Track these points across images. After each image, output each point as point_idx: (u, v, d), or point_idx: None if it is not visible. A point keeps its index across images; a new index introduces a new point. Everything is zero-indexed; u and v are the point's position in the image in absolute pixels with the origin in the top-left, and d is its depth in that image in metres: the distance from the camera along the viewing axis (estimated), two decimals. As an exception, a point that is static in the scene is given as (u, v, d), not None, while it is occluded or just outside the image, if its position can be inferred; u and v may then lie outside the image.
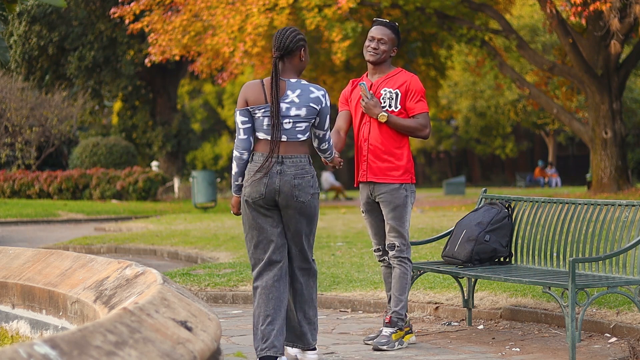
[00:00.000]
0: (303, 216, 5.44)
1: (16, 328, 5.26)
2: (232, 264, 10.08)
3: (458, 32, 23.93)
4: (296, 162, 5.40)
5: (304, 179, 5.40)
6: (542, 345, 6.16)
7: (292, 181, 5.37)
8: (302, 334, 5.59)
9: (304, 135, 5.45)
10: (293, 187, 5.37)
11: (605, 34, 21.71)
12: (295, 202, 5.39)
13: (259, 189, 5.38)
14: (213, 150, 57.01)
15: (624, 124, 23.20)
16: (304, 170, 5.42)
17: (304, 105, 5.42)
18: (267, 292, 5.45)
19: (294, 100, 5.41)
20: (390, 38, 6.24)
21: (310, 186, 5.43)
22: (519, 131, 54.00)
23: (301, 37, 5.48)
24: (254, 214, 5.44)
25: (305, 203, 5.41)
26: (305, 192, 5.40)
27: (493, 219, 6.73)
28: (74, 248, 14.05)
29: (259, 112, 5.41)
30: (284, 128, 5.39)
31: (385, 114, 6.17)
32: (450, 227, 7.27)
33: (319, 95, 5.47)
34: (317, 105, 5.45)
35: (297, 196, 5.38)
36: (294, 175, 5.38)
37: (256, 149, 5.46)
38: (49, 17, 31.52)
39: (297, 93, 5.43)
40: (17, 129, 30.80)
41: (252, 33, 21.09)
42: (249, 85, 5.48)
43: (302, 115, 5.41)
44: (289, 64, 5.47)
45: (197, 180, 23.96)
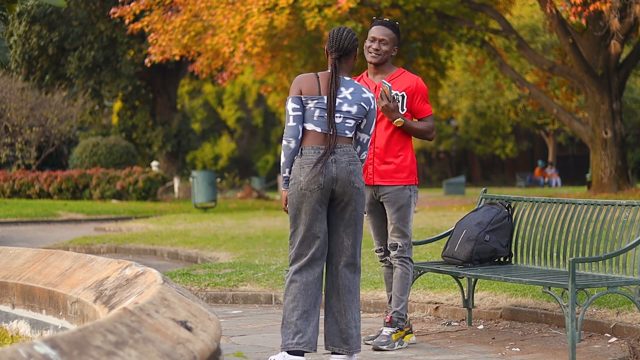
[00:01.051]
0: (360, 203, 5.45)
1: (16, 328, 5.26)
2: (232, 264, 10.08)
3: (458, 32, 23.94)
4: (347, 150, 5.44)
5: (357, 165, 5.45)
6: (542, 345, 6.16)
7: (348, 167, 5.41)
8: (349, 337, 5.45)
9: (350, 133, 5.48)
10: (350, 172, 5.40)
11: (605, 34, 21.71)
12: (352, 188, 5.40)
13: (318, 179, 5.37)
14: (213, 150, 57.01)
15: (624, 124, 23.20)
16: (354, 158, 5.46)
17: (356, 103, 5.47)
18: (308, 288, 5.40)
19: (346, 97, 5.47)
20: (392, 38, 6.22)
21: (362, 173, 5.50)
22: (519, 131, 54.01)
23: (356, 38, 5.55)
24: (307, 208, 5.39)
25: (360, 190, 5.44)
26: (359, 179, 5.45)
27: (493, 219, 6.73)
28: (74, 248, 14.06)
29: (312, 102, 5.44)
30: (334, 122, 5.44)
31: (402, 119, 6.18)
32: (450, 227, 7.27)
33: (369, 96, 5.53)
34: (367, 106, 5.50)
35: (353, 182, 5.40)
36: (348, 162, 5.41)
37: (305, 142, 5.46)
38: (49, 17, 31.52)
39: (351, 90, 5.49)
40: (17, 129, 30.80)
41: (252, 33, 21.09)
42: (304, 76, 5.53)
43: (353, 113, 5.46)
44: (345, 63, 5.54)
45: (197, 180, 23.96)
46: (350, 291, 5.47)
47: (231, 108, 56.50)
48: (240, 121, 57.40)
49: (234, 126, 57.45)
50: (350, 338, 5.44)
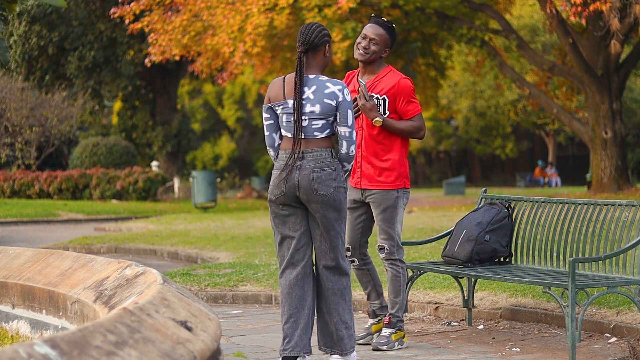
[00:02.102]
0: (329, 210, 5.29)
1: (16, 328, 5.25)
2: (232, 264, 10.08)
3: (458, 32, 23.93)
4: (316, 155, 5.29)
5: (323, 171, 5.27)
6: (542, 345, 6.16)
7: (311, 175, 5.26)
8: (339, 339, 5.40)
9: (321, 133, 5.32)
10: (312, 180, 5.26)
11: (605, 34, 21.71)
12: (315, 196, 5.27)
13: (280, 186, 5.31)
14: (213, 150, 57.01)
15: (624, 124, 23.20)
16: (324, 163, 5.29)
17: (318, 102, 5.29)
18: (290, 290, 5.39)
19: (309, 97, 5.30)
20: (384, 39, 6.06)
21: (332, 179, 5.29)
22: (519, 131, 54.01)
23: (326, 33, 5.38)
24: (277, 211, 5.37)
25: (327, 196, 5.27)
26: (326, 185, 5.27)
27: (493, 219, 6.73)
28: (74, 248, 14.06)
29: (279, 108, 5.36)
30: (301, 125, 5.31)
31: (380, 118, 6.04)
32: (450, 227, 7.27)
33: (334, 90, 5.31)
34: (332, 101, 5.30)
35: (316, 189, 5.26)
36: (312, 169, 5.27)
37: (281, 146, 5.41)
38: (49, 17, 31.52)
39: (313, 89, 5.32)
40: (17, 129, 30.80)
41: (252, 33, 21.08)
42: (273, 82, 5.44)
43: (317, 112, 5.29)
44: (312, 59, 5.37)
45: (197, 180, 23.96)
46: (335, 293, 5.40)
47: (231, 108, 56.50)
48: (240, 121, 57.40)
49: (234, 126, 57.46)
50: (341, 340, 5.39)
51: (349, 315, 5.43)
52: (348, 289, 5.45)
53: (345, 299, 5.42)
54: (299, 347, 5.35)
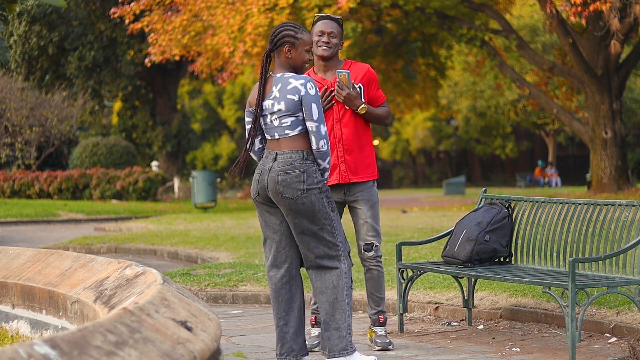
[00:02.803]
0: (297, 213, 5.20)
1: (16, 328, 5.25)
2: (232, 264, 10.08)
3: (458, 32, 23.94)
4: (285, 158, 5.22)
5: (289, 174, 5.18)
6: (542, 345, 6.16)
7: (276, 177, 5.20)
8: (326, 339, 5.29)
9: (292, 131, 5.23)
10: (277, 183, 5.20)
11: (605, 34, 21.72)
12: (281, 199, 5.21)
13: (254, 187, 5.35)
14: (213, 150, 57.03)
15: (624, 124, 23.21)
16: (292, 165, 5.20)
17: (283, 99, 5.23)
18: (276, 294, 5.37)
19: (275, 95, 5.26)
20: (339, 31, 6.08)
21: (300, 181, 5.18)
22: (519, 131, 54.02)
23: (287, 33, 5.29)
24: (259, 212, 5.41)
25: (292, 199, 5.18)
26: (291, 188, 5.18)
27: (493, 219, 6.73)
28: (74, 248, 14.06)
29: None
30: (273, 125, 5.28)
31: (365, 105, 6.05)
32: (450, 227, 7.27)
33: (296, 84, 5.23)
34: (294, 96, 5.21)
35: (281, 192, 5.19)
36: (278, 172, 5.20)
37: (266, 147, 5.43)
38: (49, 17, 31.53)
39: (278, 87, 5.27)
40: (17, 129, 30.81)
41: (252, 33, 21.09)
42: (253, 87, 5.45)
43: (283, 110, 5.23)
44: (277, 59, 5.38)
45: (197, 180, 23.96)
46: (323, 292, 5.30)
47: (231, 108, 56.51)
48: (240, 121, 57.39)
49: (234, 126, 57.46)
50: (328, 340, 5.28)
51: (340, 314, 5.28)
52: (339, 287, 5.30)
53: (337, 298, 5.29)
54: (294, 351, 5.33)
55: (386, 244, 11.46)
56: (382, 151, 57.47)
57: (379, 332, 6.20)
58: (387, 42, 26.26)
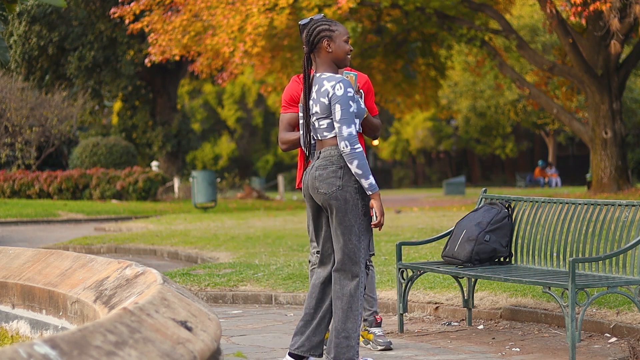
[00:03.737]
0: (331, 209, 5.10)
1: (16, 328, 5.25)
2: (232, 264, 10.08)
3: (458, 32, 23.94)
4: (325, 154, 5.14)
5: (326, 169, 5.10)
6: (542, 345, 6.16)
7: (314, 172, 5.14)
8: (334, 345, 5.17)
9: (330, 133, 5.16)
10: (314, 178, 5.15)
11: (605, 34, 21.72)
12: (317, 194, 5.13)
13: (301, 184, 5.41)
14: (213, 150, 57.03)
15: (624, 124, 23.21)
16: (329, 161, 5.10)
17: (318, 101, 5.16)
18: (312, 290, 5.35)
19: (314, 97, 5.18)
20: None
21: (336, 177, 5.07)
22: (519, 131, 54.03)
23: (323, 28, 5.15)
24: (307, 207, 5.43)
25: (327, 194, 5.08)
26: (327, 183, 5.08)
27: (493, 219, 6.73)
28: (74, 248, 14.06)
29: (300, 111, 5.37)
30: (315, 127, 5.22)
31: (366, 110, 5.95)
32: (450, 227, 7.27)
33: (327, 87, 5.11)
34: (325, 98, 5.12)
35: (317, 187, 5.12)
36: (317, 167, 5.14)
37: None
38: (49, 17, 31.53)
39: (316, 88, 5.18)
40: (17, 129, 30.81)
41: (252, 33, 21.09)
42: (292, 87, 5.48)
43: (319, 112, 5.16)
44: (317, 58, 5.20)
45: (197, 180, 23.97)
46: (339, 297, 5.16)
47: (231, 108, 56.52)
48: (240, 121, 57.42)
49: (234, 126, 57.48)
50: (336, 346, 5.16)
51: (352, 324, 5.16)
52: (355, 297, 5.16)
53: (352, 307, 5.17)
54: (305, 346, 5.29)
55: (386, 244, 11.47)
56: (382, 151, 57.49)
57: (377, 332, 6.18)
58: (387, 42, 26.27)
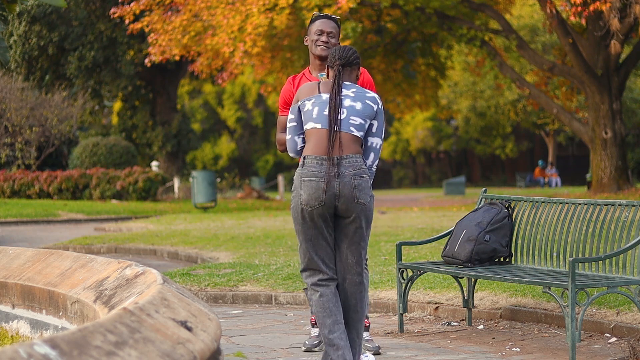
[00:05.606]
0: (364, 220, 5.09)
1: (16, 328, 5.25)
2: (232, 264, 10.08)
3: (458, 32, 23.94)
4: (352, 162, 5.04)
5: (362, 178, 5.05)
6: (542, 345, 6.16)
7: (352, 182, 5.02)
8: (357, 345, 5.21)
9: (357, 131, 5.10)
10: (353, 188, 5.01)
11: (605, 34, 21.72)
12: (356, 205, 5.03)
13: (319, 196, 5.02)
14: (213, 150, 57.03)
15: (624, 124, 23.22)
16: (362, 170, 5.06)
17: (360, 100, 5.14)
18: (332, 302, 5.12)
19: (349, 95, 5.15)
20: (337, 31, 6.01)
21: (369, 187, 5.09)
22: (519, 131, 54.03)
23: (359, 58, 5.33)
24: (309, 224, 5.08)
25: (366, 205, 5.06)
26: (365, 194, 5.05)
27: (493, 219, 6.73)
28: (74, 248, 14.06)
29: (308, 103, 5.17)
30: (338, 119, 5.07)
31: None
32: (450, 227, 7.28)
33: (374, 95, 5.22)
34: (373, 104, 5.16)
35: (358, 197, 5.02)
36: (353, 176, 5.02)
37: (307, 149, 5.12)
38: (49, 17, 31.53)
39: (352, 90, 5.18)
40: (17, 129, 30.81)
41: (252, 33, 21.09)
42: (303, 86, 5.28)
43: (358, 108, 5.11)
44: (347, 75, 5.25)
45: (197, 180, 23.97)
46: (357, 311, 5.20)
47: (231, 108, 56.52)
48: (240, 121, 57.42)
49: (234, 126, 57.48)
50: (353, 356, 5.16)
51: (361, 326, 5.25)
52: (364, 301, 5.26)
53: (365, 314, 5.28)
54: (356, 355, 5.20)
55: (386, 244, 11.47)
56: (382, 151, 57.50)
57: (366, 336, 6.15)
58: (387, 42, 26.27)
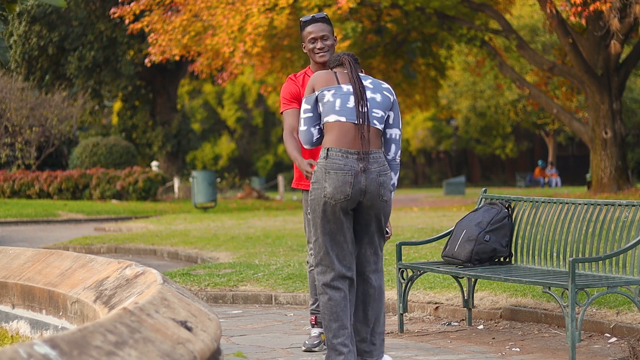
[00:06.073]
0: (385, 216, 5.11)
1: (16, 328, 5.25)
2: (232, 264, 10.08)
3: (458, 32, 23.94)
4: (377, 157, 5.02)
5: (387, 175, 5.05)
6: (542, 345, 6.16)
7: (378, 179, 5.01)
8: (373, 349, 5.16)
9: (380, 125, 5.07)
10: (379, 185, 5.00)
11: (605, 34, 21.72)
12: (379, 202, 5.03)
13: (345, 190, 4.96)
14: (213, 150, 57.03)
15: (624, 124, 23.21)
16: (385, 166, 5.05)
17: (379, 92, 5.12)
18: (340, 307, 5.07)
19: (368, 87, 5.11)
20: (330, 30, 5.96)
21: (391, 184, 5.11)
22: (519, 131, 54.03)
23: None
24: (330, 218, 5.02)
25: (387, 202, 5.07)
26: (387, 190, 5.06)
27: (493, 219, 6.73)
28: (74, 248, 14.06)
29: (328, 93, 5.09)
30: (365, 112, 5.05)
31: None
32: (450, 227, 7.28)
33: (388, 86, 5.24)
34: (390, 95, 5.17)
35: (382, 195, 5.03)
36: (378, 173, 5.01)
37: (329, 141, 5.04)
38: (49, 17, 31.53)
39: (369, 81, 5.16)
40: (17, 129, 30.81)
41: (252, 33, 21.09)
42: (317, 75, 5.20)
43: (378, 100, 5.08)
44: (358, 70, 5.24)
45: (197, 180, 23.97)
46: (376, 300, 5.19)
47: (231, 108, 56.52)
48: (240, 121, 57.42)
49: (234, 126, 57.48)
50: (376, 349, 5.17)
51: (384, 319, 5.28)
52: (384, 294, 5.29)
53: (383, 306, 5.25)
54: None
55: (386, 244, 11.47)
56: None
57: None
58: (387, 42, 26.27)
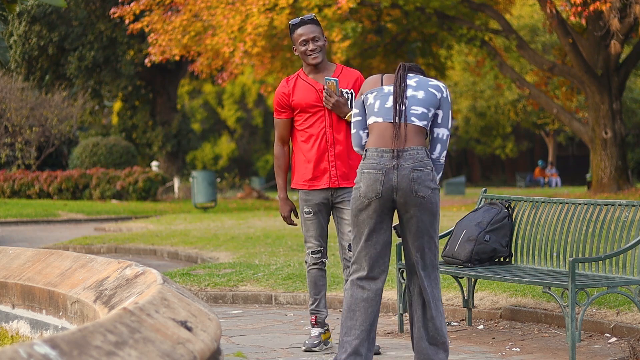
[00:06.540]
0: (425, 214, 4.92)
1: (16, 328, 5.25)
2: (232, 264, 10.08)
3: (458, 32, 23.94)
4: (413, 154, 4.89)
5: (422, 171, 4.89)
6: (542, 345, 6.16)
7: (411, 175, 4.87)
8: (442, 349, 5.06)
9: (418, 121, 4.95)
10: (412, 181, 4.87)
11: (605, 34, 21.72)
12: (414, 198, 4.88)
13: (376, 188, 4.90)
14: (213, 150, 57.01)
15: (624, 124, 23.21)
16: (423, 162, 4.90)
17: (422, 89, 5.00)
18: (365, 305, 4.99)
19: (410, 85, 5.01)
20: (320, 31, 5.99)
21: (430, 180, 4.91)
22: (519, 131, 54.02)
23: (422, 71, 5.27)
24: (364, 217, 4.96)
25: (425, 198, 4.89)
26: (424, 186, 4.88)
27: (493, 219, 6.73)
28: (74, 248, 14.06)
29: (371, 96, 5.06)
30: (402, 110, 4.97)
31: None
32: (450, 227, 7.28)
33: (438, 84, 5.07)
34: (437, 92, 5.01)
35: (416, 191, 4.87)
36: (411, 169, 4.88)
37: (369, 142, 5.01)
38: (49, 17, 31.52)
39: (415, 80, 5.06)
40: (17, 129, 30.81)
41: (252, 33, 21.09)
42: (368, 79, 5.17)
43: (420, 97, 4.98)
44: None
45: (197, 180, 23.97)
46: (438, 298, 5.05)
47: (231, 108, 56.50)
48: (240, 121, 57.40)
49: (234, 126, 57.46)
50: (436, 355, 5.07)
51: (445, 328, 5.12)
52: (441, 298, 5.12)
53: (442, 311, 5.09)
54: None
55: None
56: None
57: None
58: (387, 42, 26.27)
